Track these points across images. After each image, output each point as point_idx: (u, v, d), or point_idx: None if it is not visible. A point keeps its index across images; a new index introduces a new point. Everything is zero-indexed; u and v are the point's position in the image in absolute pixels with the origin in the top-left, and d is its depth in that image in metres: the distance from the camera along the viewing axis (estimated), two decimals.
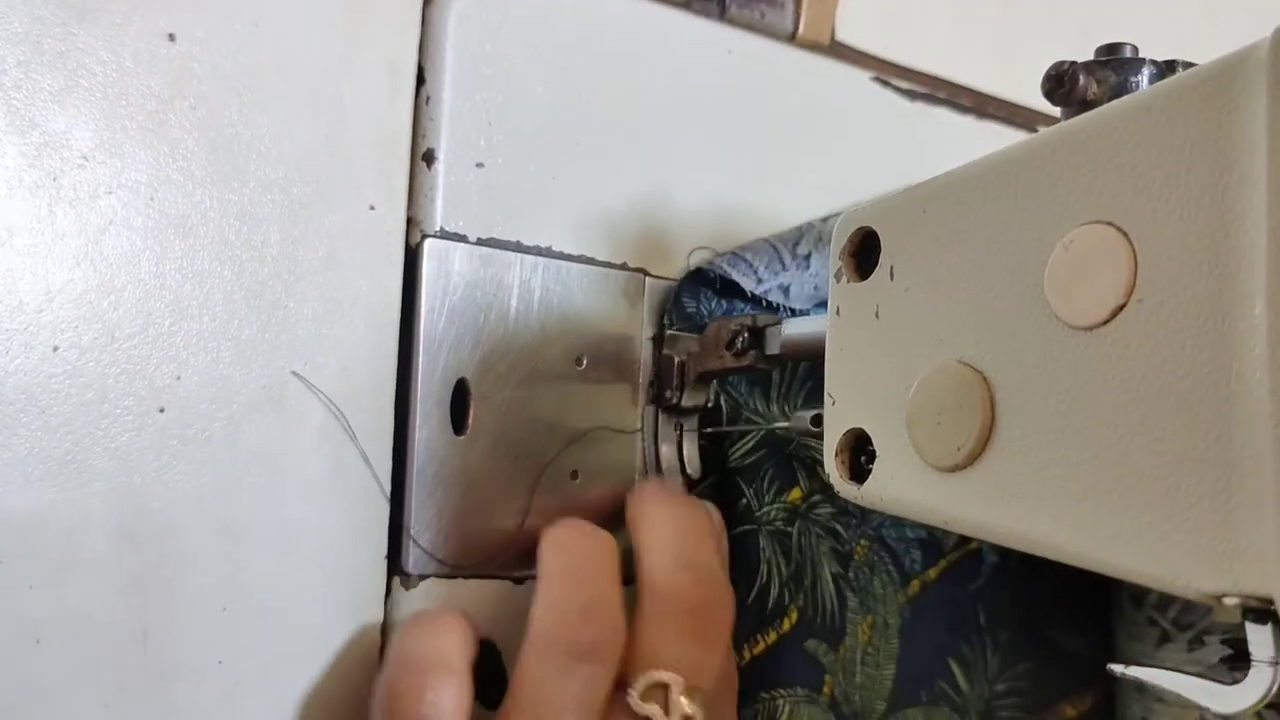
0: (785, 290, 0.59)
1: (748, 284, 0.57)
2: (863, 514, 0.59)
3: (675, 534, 0.51)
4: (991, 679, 0.62)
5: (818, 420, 0.50)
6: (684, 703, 0.46)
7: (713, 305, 0.58)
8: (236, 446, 0.47)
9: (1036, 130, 0.74)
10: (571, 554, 0.50)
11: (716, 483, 0.58)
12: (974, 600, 0.62)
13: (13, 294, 0.43)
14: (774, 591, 0.56)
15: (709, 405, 0.57)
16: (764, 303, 0.58)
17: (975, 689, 0.62)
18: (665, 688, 0.46)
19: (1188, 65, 0.40)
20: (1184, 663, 0.59)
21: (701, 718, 0.46)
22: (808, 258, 0.60)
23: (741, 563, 0.56)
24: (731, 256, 0.59)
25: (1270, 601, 0.30)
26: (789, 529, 0.57)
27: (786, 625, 0.57)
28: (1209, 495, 0.31)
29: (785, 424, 0.54)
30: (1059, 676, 0.65)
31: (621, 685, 0.47)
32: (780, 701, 0.56)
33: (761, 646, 0.56)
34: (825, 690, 0.57)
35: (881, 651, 0.59)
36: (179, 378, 0.46)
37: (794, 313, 0.59)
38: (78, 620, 0.43)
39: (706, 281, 0.58)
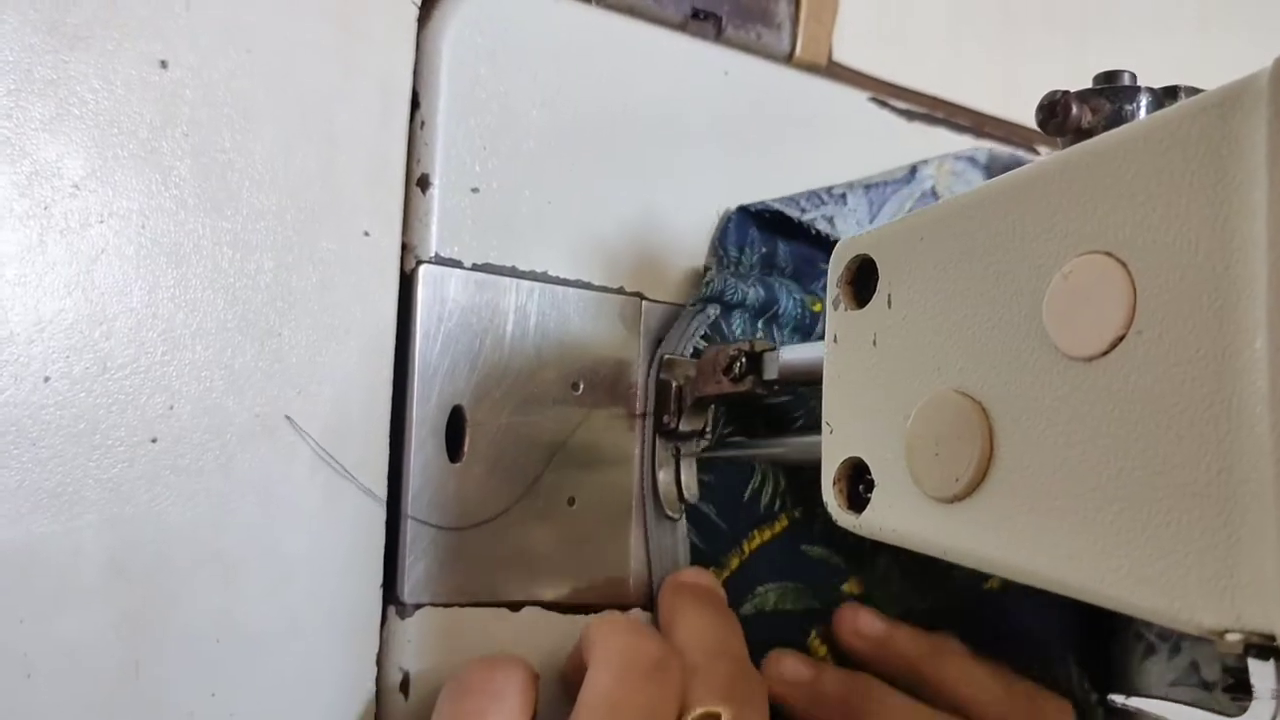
0: (830, 221, 0.60)
1: (792, 213, 0.58)
2: None
3: (713, 626, 0.52)
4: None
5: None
6: None
7: (758, 243, 0.59)
8: (230, 477, 0.46)
9: (1035, 149, 0.74)
10: (622, 623, 0.51)
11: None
12: None
13: (3, 324, 0.42)
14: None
15: (706, 430, 0.57)
16: (812, 231, 0.59)
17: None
18: (717, 717, 0.46)
19: (1191, 91, 0.39)
20: (1166, 670, 0.58)
21: None
22: (843, 196, 0.61)
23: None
24: (777, 200, 0.60)
25: (1273, 638, 0.29)
26: None
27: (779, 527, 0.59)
28: (1210, 530, 0.30)
29: (782, 450, 0.54)
30: None
31: None
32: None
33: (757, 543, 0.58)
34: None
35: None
36: (171, 408, 0.45)
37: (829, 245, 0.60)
38: (69, 653, 0.43)
39: (752, 218, 0.59)
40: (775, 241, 0.60)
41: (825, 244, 0.61)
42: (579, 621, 0.54)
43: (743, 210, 0.60)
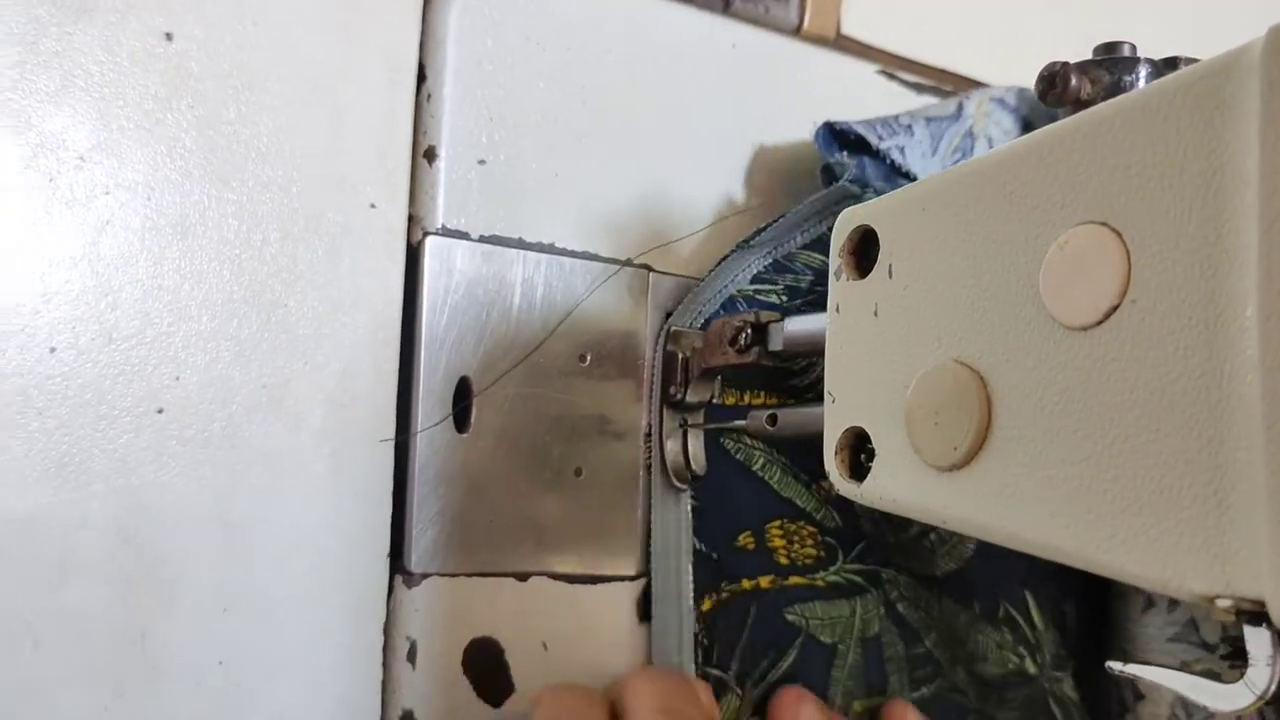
0: (902, 151, 0.60)
1: (872, 139, 0.59)
2: None
3: (662, 691, 0.51)
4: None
5: (773, 420, 0.51)
6: None
7: (844, 162, 0.60)
8: (236, 447, 0.47)
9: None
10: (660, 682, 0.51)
11: None
12: None
13: (9, 295, 0.43)
14: None
15: (713, 400, 0.57)
16: (887, 161, 0.60)
17: None
18: None
19: (1191, 62, 0.39)
20: (1165, 625, 0.59)
21: None
22: (909, 128, 0.61)
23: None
24: (858, 123, 0.61)
25: (1262, 604, 0.29)
26: None
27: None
28: (1202, 497, 0.30)
29: (742, 423, 0.54)
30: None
31: None
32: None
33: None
34: None
35: None
36: (178, 378, 0.46)
37: (908, 177, 0.62)
38: (76, 622, 0.44)
39: (836, 137, 0.60)
40: (863, 161, 0.61)
41: (899, 174, 0.61)
42: (586, 593, 0.54)
43: (829, 127, 0.61)
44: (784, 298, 0.58)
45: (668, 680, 0.51)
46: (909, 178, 0.61)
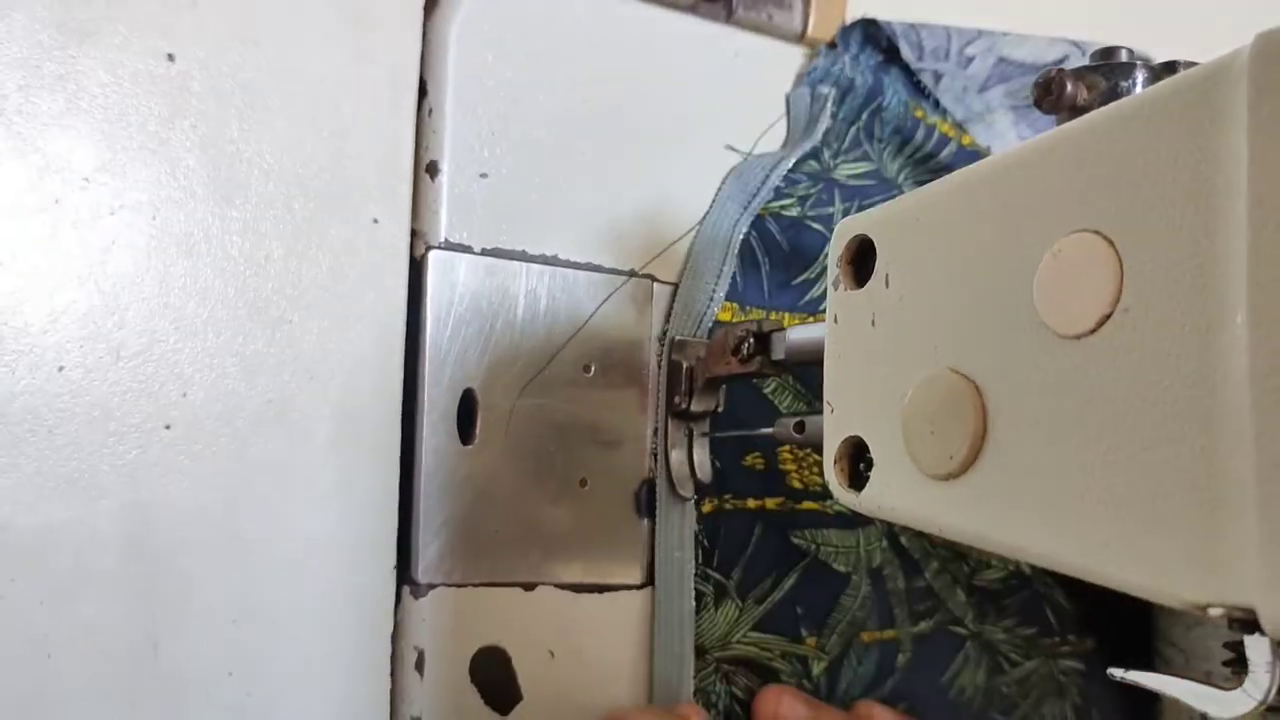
0: (937, 77, 0.61)
1: (908, 54, 0.60)
2: None
3: None
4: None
5: (800, 427, 0.51)
6: None
7: (866, 65, 0.61)
8: (244, 460, 0.47)
9: None
10: None
11: None
12: None
13: (18, 315, 0.43)
14: None
15: (718, 409, 0.57)
16: (915, 81, 0.62)
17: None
18: None
19: (1190, 65, 0.39)
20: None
21: None
22: (971, 60, 0.61)
23: None
24: (905, 26, 0.62)
25: (1253, 612, 0.29)
26: None
27: None
28: (1193, 506, 0.31)
29: (769, 430, 0.54)
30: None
31: None
32: None
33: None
34: None
35: None
36: (185, 394, 0.46)
37: (938, 105, 0.63)
38: (89, 635, 0.44)
39: (873, 38, 0.61)
40: (885, 73, 0.62)
41: (923, 95, 0.63)
42: (592, 602, 0.54)
43: (869, 24, 0.62)
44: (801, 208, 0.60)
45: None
46: (938, 105, 0.61)
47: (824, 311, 0.46)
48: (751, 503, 0.58)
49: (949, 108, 0.64)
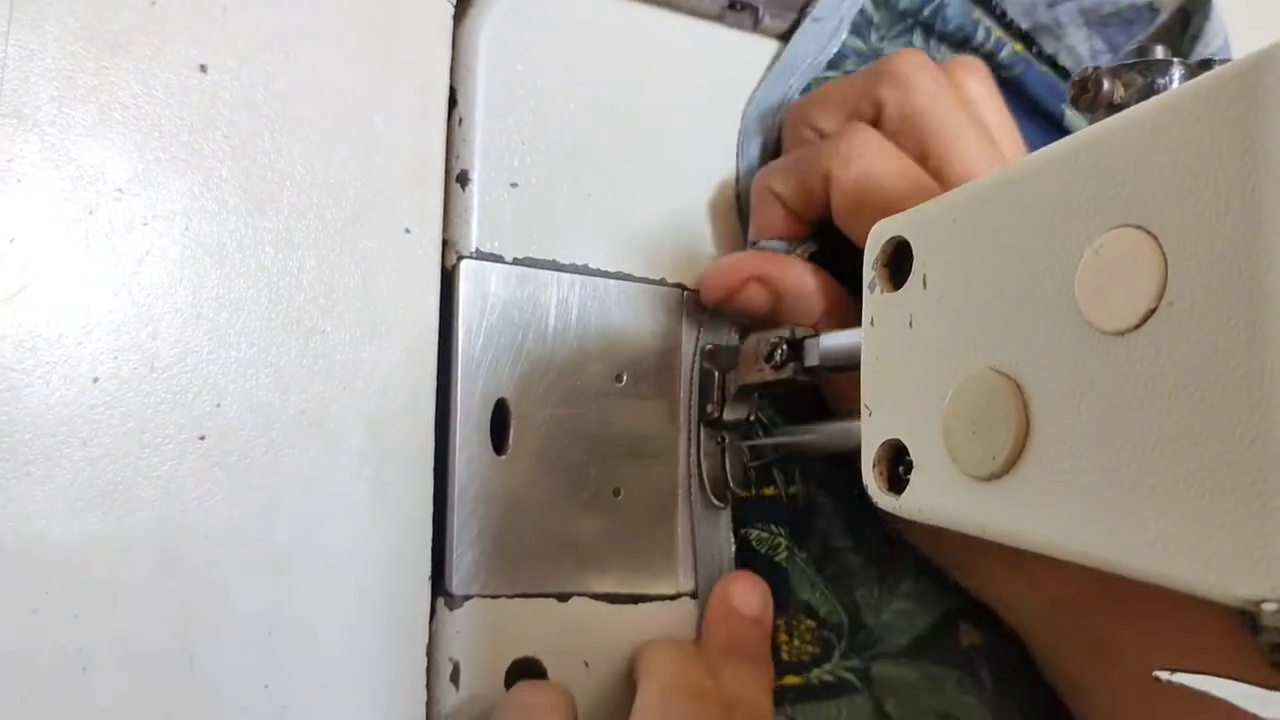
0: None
1: None
2: None
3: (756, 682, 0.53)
4: None
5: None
6: None
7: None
8: (278, 472, 0.47)
9: None
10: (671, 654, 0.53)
11: None
12: None
13: (52, 327, 0.43)
14: None
15: (750, 419, 0.57)
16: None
17: None
18: None
19: (1224, 63, 0.39)
20: None
21: None
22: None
23: None
24: None
25: None
26: None
27: None
28: (1244, 500, 0.30)
29: (824, 436, 0.54)
30: None
31: None
32: None
33: None
34: None
35: None
36: (219, 405, 0.46)
37: (1003, 16, 0.65)
38: (124, 648, 0.44)
39: None
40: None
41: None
42: (627, 612, 0.54)
43: None
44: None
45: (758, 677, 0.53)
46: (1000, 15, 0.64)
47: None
48: None
49: (1015, 18, 0.64)
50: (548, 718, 0.47)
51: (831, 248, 0.56)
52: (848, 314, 0.56)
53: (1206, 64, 0.40)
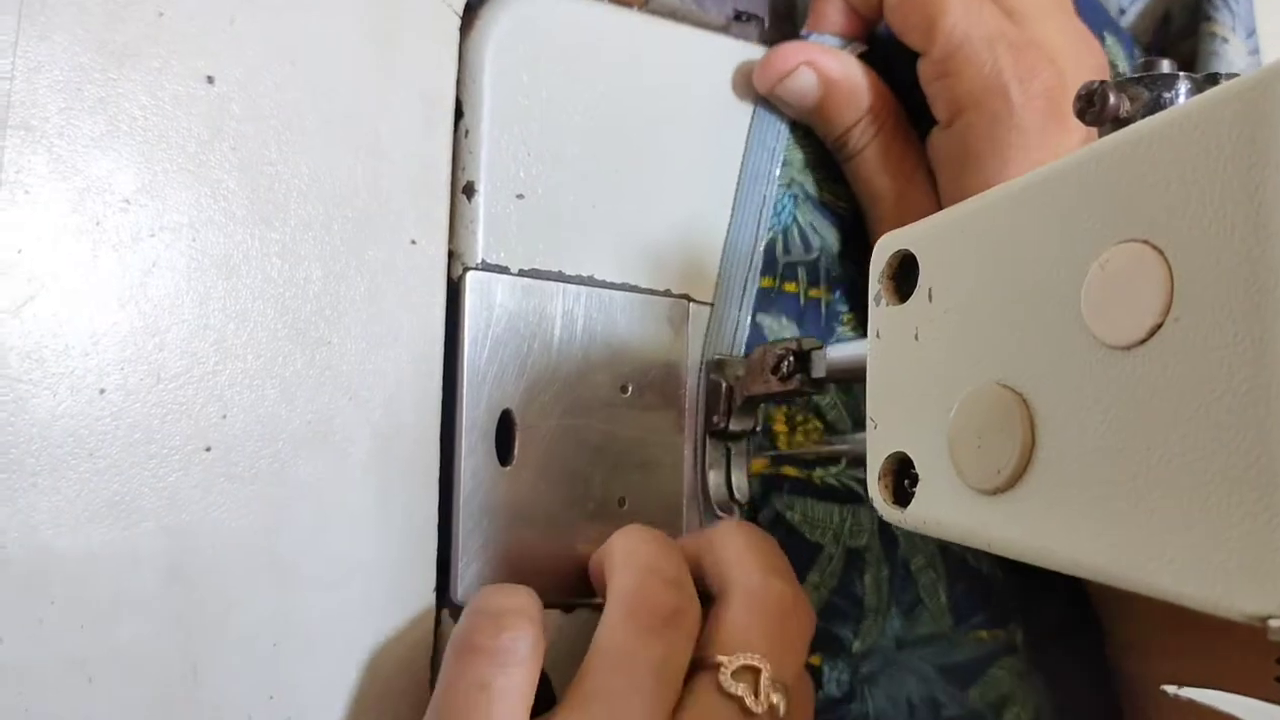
0: None
1: None
2: None
3: (763, 549, 0.51)
4: None
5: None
6: (772, 692, 0.46)
7: None
8: (284, 483, 0.47)
9: None
10: (645, 538, 0.50)
11: None
12: None
13: (59, 338, 0.43)
14: None
15: (756, 430, 0.57)
16: None
17: None
18: (756, 672, 0.46)
19: (1231, 78, 0.39)
20: None
21: (784, 710, 0.46)
22: None
23: None
24: None
25: None
26: None
27: None
28: (1251, 515, 0.30)
29: (830, 449, 0.54)
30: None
31: (700, 665, 0.47)
32: None
33: None
34: None
35: None
36: (225, 416, 0.46)
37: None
38: (129, 659, 0.44)
39: None
40: None
41: None
42: None
43: None
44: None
45: (767, 540, 0.52)
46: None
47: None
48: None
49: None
50: (520, 625, 0.46)
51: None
52: (894, 116, 0.59)
53: (1213, 78, 0.40)
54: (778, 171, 0.60)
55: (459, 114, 0.53)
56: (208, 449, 0.46)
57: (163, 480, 0.45)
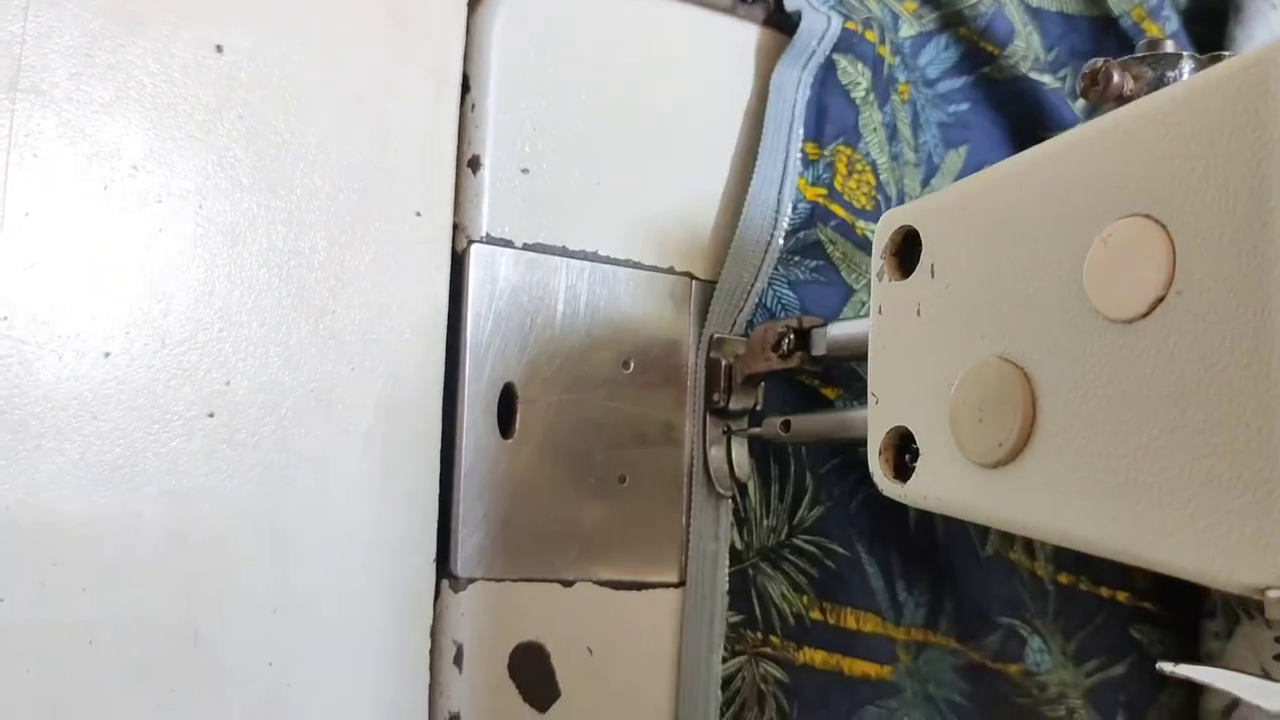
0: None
1: None
2: None
3: None
4: None
5: (786, 425, 0.54)
6: None
7: None
8: (285, 450, 0.47)
9: None
10: None
11: None
12: None
13: (66, 301, 0.43)
14: None
15: (756, 408, 0.57)
16: None
17: None
18: None
19: (1234, 57, 0.39)
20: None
21: None
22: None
23: None
24: None
25: None
26: None
27: None
28: (1250, 487, 0.30)
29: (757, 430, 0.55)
30: None
31: None
32: None
33: None
34: None
35: None
36: (228, 383, 0.46)
37: None
38: (130, 622, 0.44)
39: None
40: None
41: None
42: (631, 599, 0.54)
43: None
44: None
45: None
46: None
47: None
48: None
49: None
50: None
51: None
52: None
53: (1216, 56, 0.41)
54: (797, 147, 0.60)
55: (466, 88, 0.53)
56: (211, 415, 0.46)
57: (165, 445, 0.45)
